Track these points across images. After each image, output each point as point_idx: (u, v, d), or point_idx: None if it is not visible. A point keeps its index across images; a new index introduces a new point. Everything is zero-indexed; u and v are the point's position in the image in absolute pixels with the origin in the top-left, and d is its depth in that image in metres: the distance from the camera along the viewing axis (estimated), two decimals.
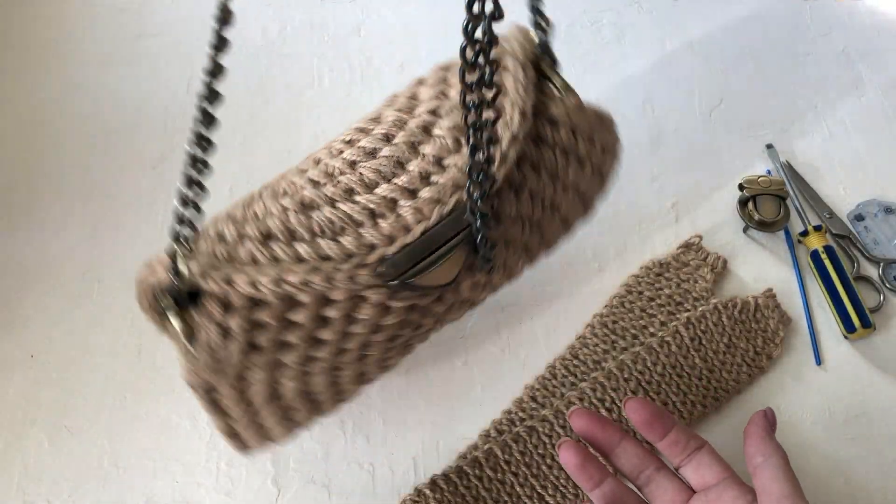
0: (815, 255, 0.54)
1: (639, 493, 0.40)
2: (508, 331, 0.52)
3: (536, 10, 0.35)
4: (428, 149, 0.33)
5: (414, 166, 0.33)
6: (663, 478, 0.39)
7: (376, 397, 0.50)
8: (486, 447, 0.46)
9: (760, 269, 0.55)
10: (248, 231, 0.32)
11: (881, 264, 0.55)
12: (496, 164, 0.32)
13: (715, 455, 0.38)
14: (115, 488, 0.46)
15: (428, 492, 0.45)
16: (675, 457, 0.39)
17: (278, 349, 0.34)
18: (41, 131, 0.62)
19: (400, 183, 0.32)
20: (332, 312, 0.33)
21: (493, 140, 0.32)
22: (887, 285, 0.54)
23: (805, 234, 0.55)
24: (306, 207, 0.32)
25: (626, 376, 0.48)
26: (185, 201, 0.30)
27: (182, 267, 0.30)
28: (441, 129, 0.33)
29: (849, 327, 0.51)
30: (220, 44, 0.25)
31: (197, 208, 0.30)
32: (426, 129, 0.34)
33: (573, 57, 0.67)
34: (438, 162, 0.33)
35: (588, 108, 0.36)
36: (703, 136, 0.62)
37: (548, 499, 0.45)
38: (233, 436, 0.37)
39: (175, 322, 0.32)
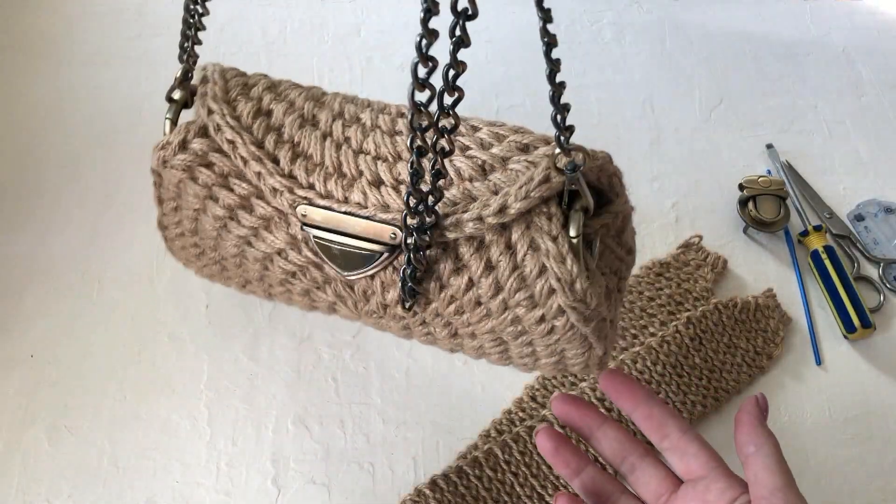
0: (815, 255, 0.54)
1: (623, 481, 0.39)
2: None
3: (559, 128, 0.32)
4: (426, 166, 0.34)
5: (402, 168, 0.34)
6: (648, 465, 0.38)
7: (376, 397, 0.50)
8: (486, 447, 0.46)
9: (760, 269, 0.55)
10: (263, 96, 0.37)
11: (881, 264, 0.55)
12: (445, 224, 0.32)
13: (702, 443, 0.37)
14: (115, 488, 0.46)
15: (428, 492, 0.45)
16: (652, 433, 0.38)
17: (208, 194, 0.37)
18: (41, 131, 0.62)
19: (379, 169, 0.34)
20: (257, 206, 0.35)
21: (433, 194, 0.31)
22: (887, 285, 0.54)
23: (805, 234, 0.55)
24: (309, 121, 0.36)
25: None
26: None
27: (196, 77, 0.38)
28: (456, 162, 0.33)
29: (849, 327, 0.51)
30: None
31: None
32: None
33: (573, 57, 0.67)
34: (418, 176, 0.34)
35: (575, 272, 0.31)
36: (703, 136, 0.62)
37: (548, 499, 0.45)
38: (162, 227, 0.43)
39: (169, 111, 0.38)
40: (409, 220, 0.31)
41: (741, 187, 0.57)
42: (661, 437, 0.37)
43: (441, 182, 0.31)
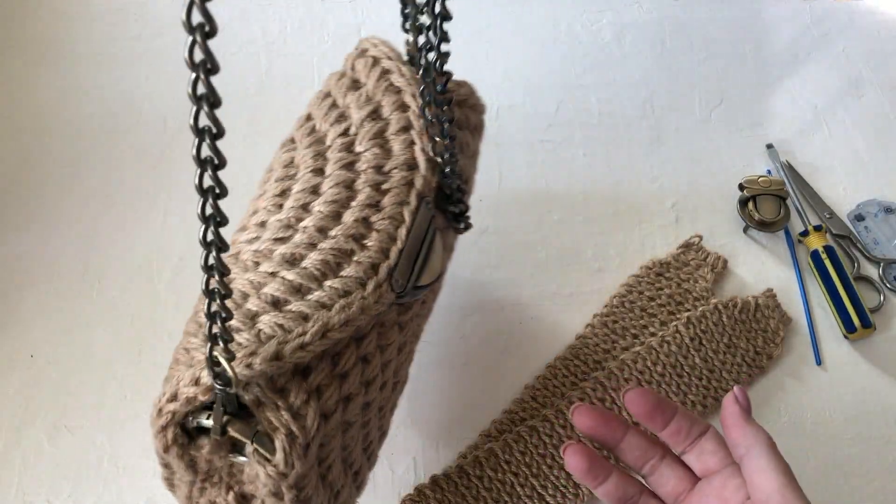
0: (815, 255, 0.54)
1: (643, 482, 0.39)
2: (508, 331, 0.52)
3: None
4: (363, 165, 0.33)
5: (361, 184, 0.33)
6: (666, 466, 0.38)
7: None
8: (486, 447, 0.46)
9: (760, 269, 0.55)
10: (252, 307, 0.30)
11: (881, 264, 0.55)
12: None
13: (719, 440, 0.37)
14: (115, 487, 0.46)
15: (428, 491, 0.45)
16: (678, 445, 0.38)
17: (343, 406, 0.31)
18: (41, 131, 0.62)
19: (361, 202, 0.32)
20: (369, 347, 0.32)
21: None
22: (887, 285, 0.54)
23: (805, 234, 0.55)
24: (292, 262, 0.31)
25: (626, 376, 0.48)
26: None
27: (227, 370, 0.26)
28: (361, 143, 0.33)
29: (849, 327, 0.51)
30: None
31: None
32: (349, 148, 0.34)
33: (573, 57, 0.67)
34: (379, 170, 0.33)
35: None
36: (703, 136, 0.62)
37: (548, 499, 0.45)
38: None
39: (237, 434, 0.28)
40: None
41: (741, 187, 0.57)
42: (686, 446, 0.38)
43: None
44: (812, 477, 0.47)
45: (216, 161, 0.21)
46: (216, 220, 0.22)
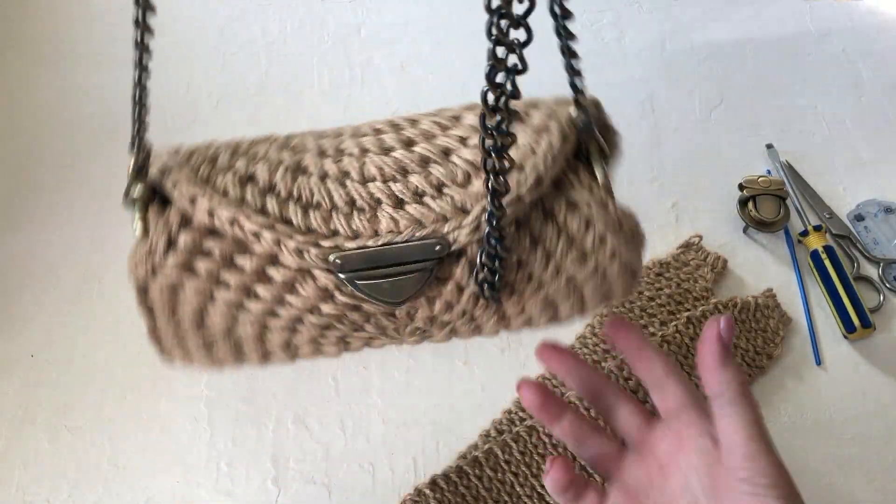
0: (815, 255, 0.54)
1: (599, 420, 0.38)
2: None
3: (575, 88, 0.34)
4: (436, 170, 0.33)
5: (415, 180, 0.32)
6: (624, 402, 0.37)
7: (376, 397, 0.50)
8: (486, 447, 0.46)
9: (760, 269, 0.55)
10: (236, 164, 0.33)
11: (881, 264, 0.55)
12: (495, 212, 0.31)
13: (680, 381, 0.35)
14: (115, 488, 0.46)
15: (428, 492, 0.45)
16: (642, 370, 0.37)
17: (214, 283, 0.34)
18: (41, 131, 0.62)
19: (394, 189, 0.32)
20: (275, 273, 0.33)
21: (500, 192, 0.30)
22: (887, 285, 0.54)
23: (805, 234, 0.55)
24: (298, 169, 0.33)
25: (626, 376, 0.48)
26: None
27: (153, 169, 0.34)
28: (460, 157, 0.33)
29: (849, 327, 0.51)
30: None
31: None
32: (446, 152, 0.33)
33: None
34: (439, 187, 0.33)
35: (617, 211, 0.34)
36: (703, 136, 0.62)
37: (548, 499, 0.45)
38: (156, 340, 0.37)
39: (134, 213, 0.33)
40: (491, 205, 0.30)
41: (741, 187, 0.57)
42: (647, 372, 0.37)
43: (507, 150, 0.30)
44: (812, 477, 0.47)
45: None
46: None
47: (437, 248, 0.32)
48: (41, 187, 0.59)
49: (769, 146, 0.61)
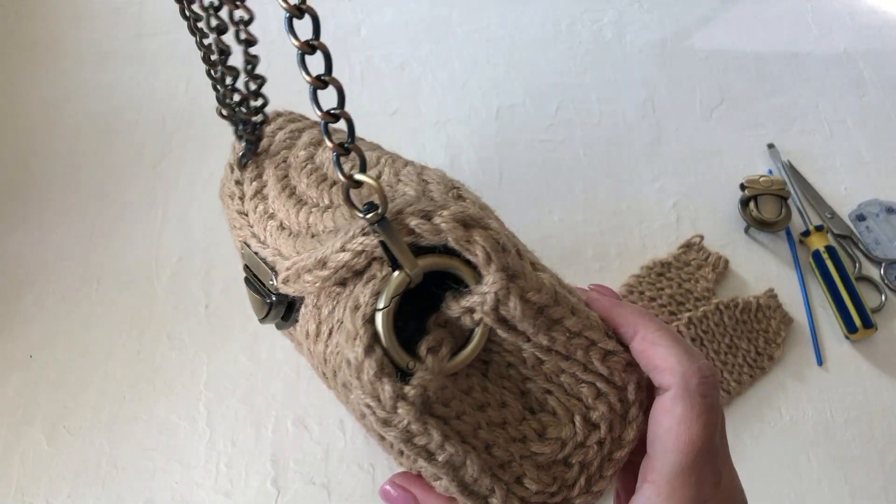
0: (816, 255, 0.54)
1: None
2: None
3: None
4: (328, 218, 0.32)
5: (321, 218, 0.32)
6: None
7: None
8: None
9: (762, 269, 0.55)
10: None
11: (883, 264, 0.54)
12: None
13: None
14: (114, 488, 0.46)
15: None
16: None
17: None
18: (41, 131, 0.62)
19: (297, 216, 0.33)
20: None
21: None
22: (889, 285, 0.54)
23: (807, 233, 0.55)
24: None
25: None
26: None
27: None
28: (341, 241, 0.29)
29: (850, 327, 0.51)
30: None
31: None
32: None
33: (574, 56, 0.67)
34: (315, 235, 0.32)
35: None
36: (704, 136, 0.62)
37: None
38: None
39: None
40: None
41: (742, 187, 0.56)
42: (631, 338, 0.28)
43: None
44: (813, 477, 0.46)
45: None
46: None
47: (271, 281, 0.31)
48: (41, 187, 0.59)
49: (770, 146, 0.61)
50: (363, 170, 0.23)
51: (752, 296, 0.52)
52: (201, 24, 0.31)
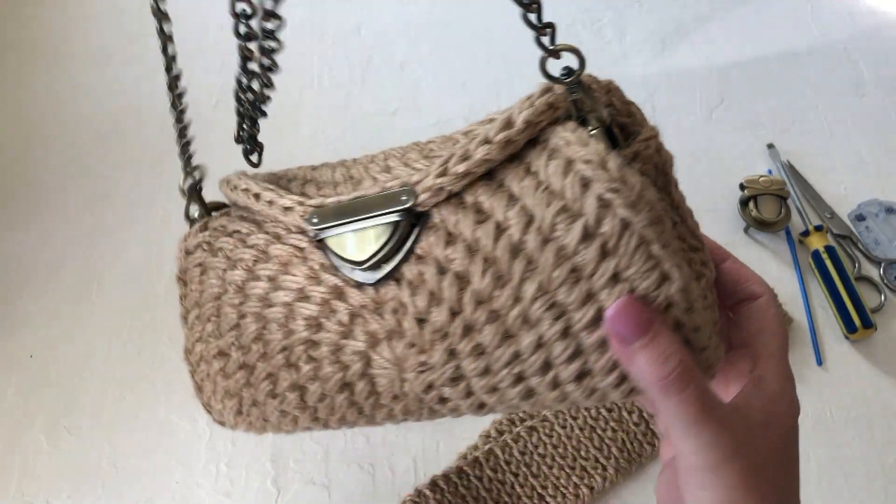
0: (816, 255, 0.54)
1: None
2: None
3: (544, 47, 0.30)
4: (434, 146, 0.34)
5: (412, 155, 0.34)
6: None
7: None
8: (486, 447, 0.46)
9: (761, 269, 0.55)
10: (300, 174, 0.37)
11: (882, 264, 0.54)
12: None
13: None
14: (114, 488, 0.46)
15: (428, 492, 0.45)
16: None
17: (229, 266, 0.34)
18: (41, 131, 0.62)
19: (388, 162, 0.34)
20: (277, 251, 0.33)
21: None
22: (888, 285, 0.54)
23: (806, 233, 0.55)
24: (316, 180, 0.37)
25: None
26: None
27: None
28: (460, 141, 0.32)
29: (850, 327, 0.51)
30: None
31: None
32: (451, 139, 0.34)
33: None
34: (429, 155, 0.34)
35: (630, 176, 0.27)
36: (704, 136, 0.62)
37: (548, 499, 0.45)
38: (187, 354, 0.38)
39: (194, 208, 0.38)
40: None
41: (742, 187, 0.56)
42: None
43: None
44: (813, 478, 0.46)
45: None
46: None
47: (404, 197, 0.29)
48: (41, 187, 0.59)
49: (770, 146, 0.61)
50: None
51: None
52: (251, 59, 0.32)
